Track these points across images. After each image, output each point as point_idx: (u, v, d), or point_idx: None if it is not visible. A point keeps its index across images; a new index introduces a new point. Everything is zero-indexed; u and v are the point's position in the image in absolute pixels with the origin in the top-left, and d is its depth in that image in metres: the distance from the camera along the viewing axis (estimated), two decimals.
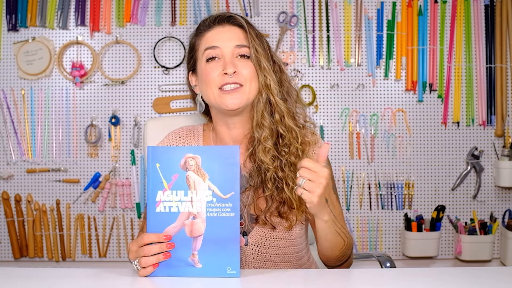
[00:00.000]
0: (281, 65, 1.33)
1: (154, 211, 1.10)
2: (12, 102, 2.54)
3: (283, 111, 1.27)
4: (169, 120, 1.75)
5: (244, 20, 1.30)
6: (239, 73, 1.25)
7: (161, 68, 2.55)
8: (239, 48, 1.27)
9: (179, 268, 1.09)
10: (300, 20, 2.55)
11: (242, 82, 1.25)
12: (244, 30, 1.29)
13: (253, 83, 1.26)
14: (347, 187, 2.56)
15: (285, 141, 1.27)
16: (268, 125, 1.26)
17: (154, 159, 1.11)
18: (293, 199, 1.24)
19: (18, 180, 2.54)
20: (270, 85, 1.26)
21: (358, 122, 2.55)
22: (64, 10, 2.52)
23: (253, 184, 1.28)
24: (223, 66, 1.25)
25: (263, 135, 1.25)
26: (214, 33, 1.29)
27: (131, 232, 2.56)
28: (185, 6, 2.55)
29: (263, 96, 1.26)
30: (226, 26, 1.30)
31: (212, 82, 1.26)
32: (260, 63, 1.26)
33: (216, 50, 1.27)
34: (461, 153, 2.57)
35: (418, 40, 2.55)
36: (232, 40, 1.27)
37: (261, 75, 1.26)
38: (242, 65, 1.26)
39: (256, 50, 1.26)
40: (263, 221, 1.27)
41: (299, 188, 1.10)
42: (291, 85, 1.33)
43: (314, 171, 1.09)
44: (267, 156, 1.25)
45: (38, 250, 2.54)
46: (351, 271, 1.19)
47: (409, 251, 2.51)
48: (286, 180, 1.25)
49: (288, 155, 1.26)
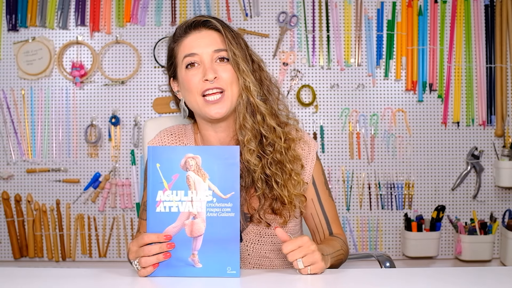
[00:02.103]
0: (260, 63, 1.33)
1: (154, 211, 1.10)
2: (12, 102, 2.54)
3: (263, 112, 1.28)
4: (168, 120, 1.75)
5: (219, 23, 1.30)
6: (220, 77, 1.26)
7: (161, 68, 2.55)
8: (218, 53, 1.27)
9: (179, 268, 1.09)
10: (300, 20, 2.55)
11: (223, 86, 1.26)
12: (221, 34, 1.29)
13: (234, 86, 1.27)
14: (347, 187, 2.56)
15: (268, 141, 1.28)
16: (250, 127, 1.27)
17: (154, 159, 1.11)
18: (284, 195, 1.26)
19: (18, 180, 2.54)
20: (250, 87, 1.26)
21: (358, 122, 2.55)
22: (64, 10, 2.52)
23: (244, 184, 1.29)
24: (203, 73, 1.26)
25: (246, 138, 1.27)
26: (191, 39, 1.29)
27: (131, 232, 2.56)
28: (185, 6, 2.55)
29: (244, 98, 1.27)
30: (203, 30, 1.29)
31: (194, 89, 1.27)
32: (238, 66, 1.27)
33: (194, 57, 1.27)
34: (461, 153, 2.57)
35: (418, 40, 2.55)
36: (210, 45, 1.27)
37: (240, 77, 1.27)
38: (222, 69, 1.27)
39: (234, 54, 1.27)
40: (258, 219, 1.29)
41: (304, 269, 1.11)
42: (271, 83, 1.34)
43: (299, 246, 1.11)
44: (252, 156, 1.26)
45: (38, 250, 2.54)
46: (351, 271, 1.19)
47: (409, 251, 2.51)
48: (274, 178, 1.26)
49: (272, 153, 1.27)
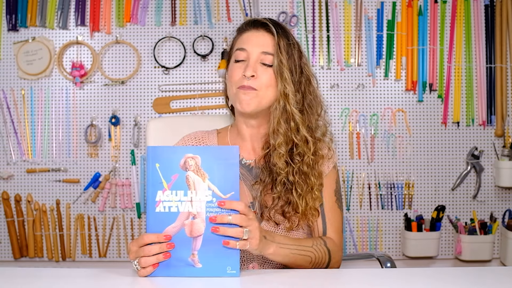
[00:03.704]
0: (310, 78, 1.38)
1: (153, 211, 1.10)
2: (12, 102, 2.54)
3: (298, 121, 1.32)
4: (171, 120, 1.75)
5: (278, 29, 1.34)
6: (258, 77, 1.31)
7: (161, 68, 2.55)
8: (264, 55, 1.33)
9: (179, 268, 1.09)
10: (300, 20, 2.55)
11: (257, 87, 1.31)
12: (275, 39, 1.33)
13: (269, 90, 1.32)
14: (347, 187, 2.56)
15: (299, 150, 1.32)
16: (283, 132, 1.32)
17: (154, 159, 1.11)
18: (300, 204, 1.29)
19: (18, 180, 2.54)
20: (288, 95, 1.31)
21: (358, 122, 2.55)
22: (64, 10, 2.52)
23: (263, 179, 1.33)
24: (245, 69, 1.32)
25: (278, 141, 1.31)
26: (247, 35, 1.36)
27: (131, 232, 2.56)
28: (185, 6, 2.55)
29: (281, 104, 1.32)
30: (260, 31, 1.35)
31: (233, 81, 1.34)
32: (282, 73, 1.31)
33: (243, 52, 1.34)
34: (461, 153, 2.57)
35: (418, 40, 2.55)
36: (260, 46, 1.33)
37: (281, 83, 1.31)
38: (263, 70, 1.32)
39: (281, 61, 1.31)
40: (267, 217, 1.32)
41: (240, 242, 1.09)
42: (316, 99, 1.38)
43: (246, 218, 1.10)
44: (281, 160, 1.31)
45: (38, 250, 2.54)
46: (351, 271, 1.19)
47: (409, 251, 2.51)
48: (295, 186, 1.30)
49: (300, 163, 1.32)
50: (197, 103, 2.55)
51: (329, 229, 1.36)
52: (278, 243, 1.19)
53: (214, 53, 2.55)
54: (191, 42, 2.54)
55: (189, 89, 2.55)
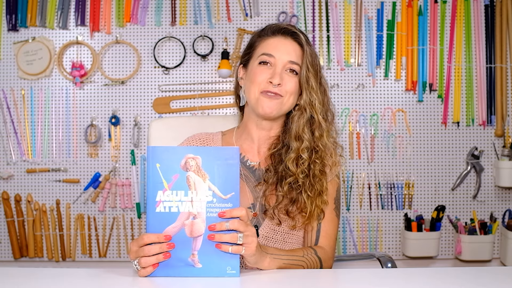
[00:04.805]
0: (326, 88, 1.42)
1: (154, 211, 1.10)
2: (12, 102, 2.54)
3: (324, 129, 1.36)
4: (173, 120, 1.75)
5: (305, 40, 1.39)
6: (283, 85, 1.34)
7: (161, 68, 2.55)
8: (291, 64, 1.35)
9: (179, 268, 1.09)
10: (300, 20, 2.55)
11: (282, 93, 1.34)
12: (302, 49, 1.36)
13: (292, 97, 1.36)
14: (347, 187, 2.56)
15: (318, 155, 1.36)
16: (308, 139, 1.35)
17: (154, 159, 1.11)
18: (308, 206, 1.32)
19: (18, 180, 2.54)
20: (315, 104, 1.36)
21: (358, 122, 2.55)
22: (64, 10, 2.52)
23: (267, 180, 1.35)
24: (271, 75, 1.34)
25: (302, 147, 1.34)
26: (275, 42, 1.37)
27: (131, 232, 2.56)
28: (185, 6, 2.55)
29: (307, 112, 1.36)
30: (288, 39, 1.38)
31: (257, 84, 1.35)
32: (308, 82, 1.35)
33: (271, 58, 1.36)
34: (461, 153, 2.57)
35: (418, 40, 2.55)
36: (288, 54, 1.36)
37: (307, 92, 1.35)
38: (288, 78, 1.35)
39: (308, 70, 1.35)
40: (271, 215, 1.33)
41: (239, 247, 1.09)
42: (330, 109, 1.42)
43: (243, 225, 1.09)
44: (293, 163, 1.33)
45: (38, 250, 2.54)
46: (352, 271, 1.19)
47: (409, 251, 2.51)
48: (304, 188, 1.33)
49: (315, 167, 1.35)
50: (197, 103, 2.55)
51: (323, 237, 1.37)
52: (271, 255, 1.20)
53: (214, 53, 2.55)
54: (191, 42, 2.54)
55: (189, 89, 2.55)
